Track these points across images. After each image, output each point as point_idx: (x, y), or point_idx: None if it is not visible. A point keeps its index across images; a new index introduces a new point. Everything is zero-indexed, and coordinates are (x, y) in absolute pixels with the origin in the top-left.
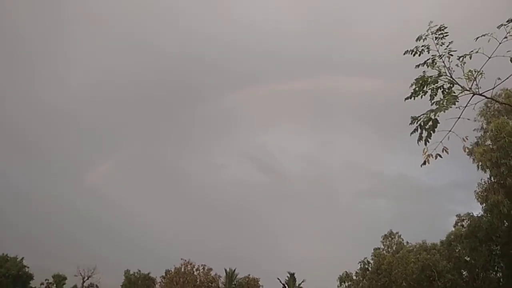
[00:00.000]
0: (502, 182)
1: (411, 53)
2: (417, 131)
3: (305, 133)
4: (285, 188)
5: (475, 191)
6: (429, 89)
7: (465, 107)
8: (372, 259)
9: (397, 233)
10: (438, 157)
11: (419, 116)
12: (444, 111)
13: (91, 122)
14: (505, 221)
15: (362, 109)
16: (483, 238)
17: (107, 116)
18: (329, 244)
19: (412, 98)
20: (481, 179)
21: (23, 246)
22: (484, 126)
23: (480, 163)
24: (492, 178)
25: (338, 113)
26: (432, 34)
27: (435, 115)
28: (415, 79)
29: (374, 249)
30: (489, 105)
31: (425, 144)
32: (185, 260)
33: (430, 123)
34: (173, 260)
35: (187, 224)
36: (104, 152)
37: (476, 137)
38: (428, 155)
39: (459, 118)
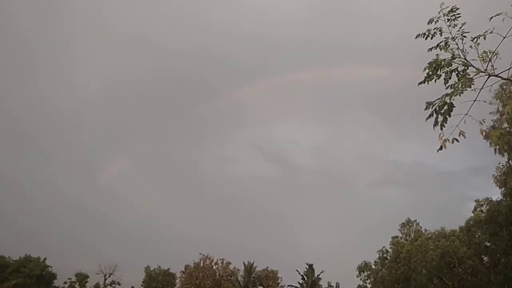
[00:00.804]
0: None
1: (423, 37)
2: (432, 116)
3: (316, 124)
4: (298, 180)
5: (493, 175)
6: (443, 72)
7: (481, 89)
8: (390, 247)
9: (415, 221)
10: (455, 141)
11: (434, 101)
12: (460, 95)
13: (103, 121)
14: None
15: (373, 97)
16: (503, 223)
17: (119, 115)
18: (346, 235)
19: (426, 82)
20: (499, 163)
21: (44, 247)
22: (500, 109)
23: (497, 147)
24: (510, 162)
25: (349, 103)
26: (444, 16)
27: (450, 99)
28: (428, 63)
29: (392, 238)
30: (504, 87)
31: (441, 129)
32: (204, 255)
33: (446, 107)
34: (192, 255)
35: (202, 219)
36: (117, 151)
37: (492, 120)
38: (445, 140)
39: (475, 101)
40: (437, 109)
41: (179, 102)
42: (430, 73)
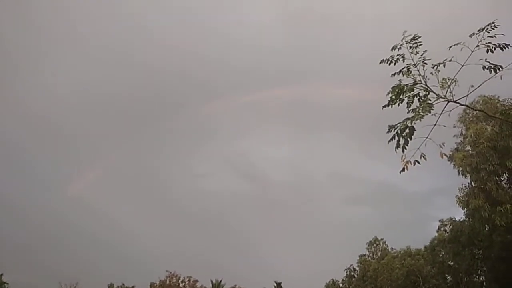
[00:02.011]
0: (482, 186)
1: (387, 62)
2: (394, 139)
3: (287, 142)
4: (268, 196)
5: (456, 196)
6: (406, 97)
7: (441, 114)
8: (358, 266)
9: (381, 239)
10: (417, 163)
11: (395, 125)
12: (420, 119)
13: (75, 131)
14: (486, 225)
15: (343, 117)
16: (465, 242)
17: (90, 126)
18: (315, 252)
19: (390, 106)
20: (462, 184)
21: (9, 259)
22: (463, 132)
23: (461, 169)
24: (472, 183)
25: (321, 122)
26: (406, 43)
27: (411, 123)
28: (392, 88)
29: (359, 256)
30: (467, 111)
31: (403, 151)
32: (170, 272)
33: (407, 130)
34: (157, 272)
35: (171, 235)
36: (87, 162)
37: (456, 143)
38: (407, 162)
39: (435, 125)
40: (399, 132)
41: (150, 115)
42: (394, 97)
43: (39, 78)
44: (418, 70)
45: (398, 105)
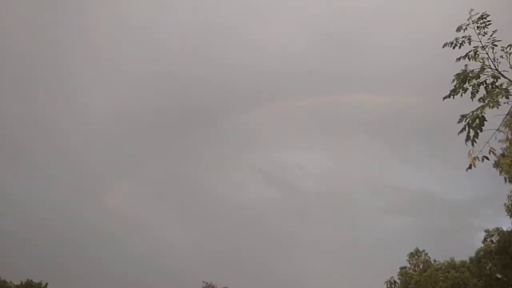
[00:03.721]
0: None
1: (451, 46)
2: (464, 130)
3: (321, 150)
4: (303, 206)
5: (504, 204)
6: (470, 85)
7: None
8: (398, 278)
9: (423, 251)
10: (481, 160)
11: (467, 114)
12: (497, 106)
13: (110, 144)
14: None
15: (379, 125)
16: None
17: (127, 137)
18: (353, 264)
19: (451, 96)
20: (510, 191)
21: (46, 271)
22: (509, 136)
23: (508, 175)
24: None
25: (354, 129)
26: (473, 23)
27: (482, 111)
28: (456, 74)
29: (400, 268)
30: None
31: (472, 144)
32: (207, 283)
33: (477, 121)
34: (194, 283)
35: (205, 244)
36: (124, 173)
37: (501, 148)
38: (474, 158)
39: (507, 115)
40: (470, 122)
41: (186, 127)
42: (457, 85)
43: (75, 94)
44: (486, 53)
45: (461, 95)
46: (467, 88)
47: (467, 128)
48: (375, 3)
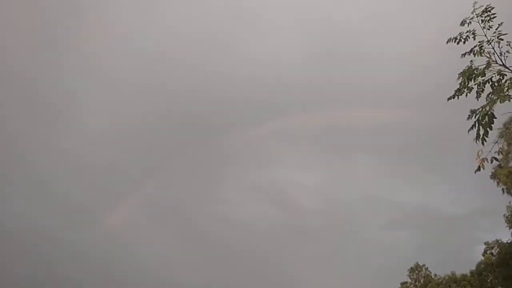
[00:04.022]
0: None
1: (454, 41)
2: (474, 127)
3: (318, 167)
4: (300, 224)
5: (504, 215)
6: (476, 83)
7: None
8: None
9: (423, 265)
10: (490, 161)
11: (477, 109)
12: (509, 100)
13: (105, 164)
14: None
15: (374, 140)
16: None
17: (120, 159)
18: (352, 281)
19: (456, 97)
20: (510, 202)
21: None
22: (505, 147)
23: (505, 186)
24: None
25: (351, 146)
26: (477, 16)
27: (491, 107)
28: (460, 72)
29: (401, 284)
30: (508, 126)
31: (482, 143)
32: None
33: (486, 119)
34: None
35: (202, 266)
36: (119, 196)
37: (498, 159)
38: (483, 159)
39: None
40: (480, 119)
41: (180, 145)
42: (462, 83)
43: (72, 116)
44: (492, 48)
45: (466, 95)
46: (472, 88)
47: (476, 125)
48: (372, 19)
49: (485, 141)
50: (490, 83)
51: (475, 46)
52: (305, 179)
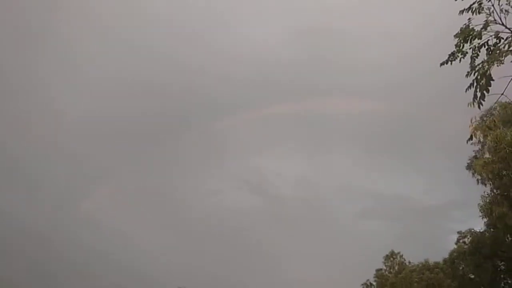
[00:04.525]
0: (505, 194)
1: None
2: (472, 86)
3: (299, 156)
4: (281, 211)
5: (478, 204)
6: (470, 48)
7: None
8: (375, 281)
9: (398, 253)
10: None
11: (477, 65)
12: (504, 56)
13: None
14: (509, 235)
15: (356, 130)
16: (487, 254)
17: (101, 144)
18: (329, 267)
19: (449, 62)
20: (484, 192)
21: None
22: (481, 139)
23: (480, 177)
24: (495, 191)
25: (331, 136)
26: None
27: (489, 66)
28: (456, 33)
29: (376, 270)
30: (484, 118)
31: (479, 106)
32: None
33: (484, 80)
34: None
35: (183, 251)
36: (99, 181)
37: (474, 151)
38: (475, 128)
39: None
40: (478, 78)
41: (161, 133)
42: (459, 44)
43: (47, 95)
44: (492, 5)
45: (460, 60)
46: (466, 52)
47: (474, 84)
48: (359, 20)
49: (482, 104)
50: (486, 47)
51: (474, 3)
52: (286, 168)
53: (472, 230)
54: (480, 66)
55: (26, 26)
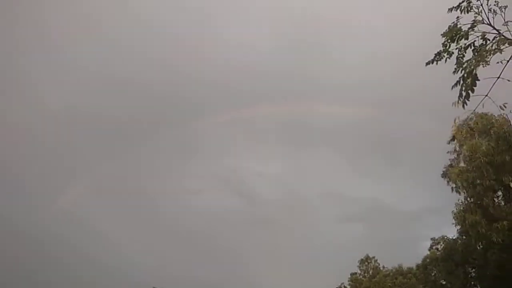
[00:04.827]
0: (479, 202)
1: None
2: (459, 84)
3: (278, 159)
4: (258, 214)
5: (452, 211)
6: (457, 48)
7: (508, 62)
8: (349, 284)
9: (373, 257)
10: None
11: (464, 62)
12: (490, 55)
13: (61, 143)
14: (481, 242)
15: (334, 136)
16: (459, 261)
17: (78, 140)
18: (305, 271)
19: (435, 62)
20: (458, 199)
21: None
22: (457, 148)
23: (454, 185)
24: (468, 199)
25: (311, 140)
26: None
27: (476, 65)
28: (443, 32)
29: (351, 274)
30: (460, 128)
31: (463, 106)
32: None
33: (470, 79)
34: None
35: (158, 250)
36: (75, 177)
37: (450, 159)
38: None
39: (498, 77)
40: (465, 76)
41: (138, 132)
42: (445, 43)
43: (27, 91)
44: (481, 4)
45: (446, 60)
46: (453, 52)
47: (461, 81)
48: (343, 16)
49: (466, 104)
50: (473, 47)
51: (462, 1)
52: (265, 170)
53: (445, 237)
54: (467, 64)
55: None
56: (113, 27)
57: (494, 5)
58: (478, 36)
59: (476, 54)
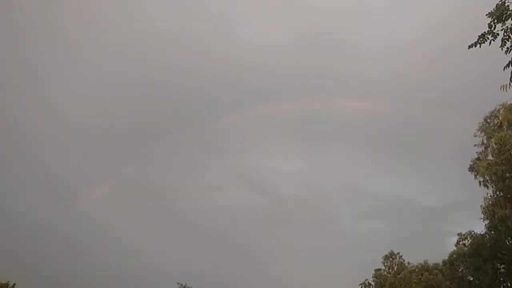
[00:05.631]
0: (508, 196)
1: None
2: (510, 65)
3: (299, 156)
4: (280, 211)
5: (481, 205)
6: (502, 29)
7: None
8: (373, 280)
9: (398, 253)
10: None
11: None
12: None
13: (83, 145)
14: (510, 237)
15: (355, 131)
16: (487, 256)
17: (100, 143)
18: (328, 268)
19: (478, 45)
20: (487, 193)
21: (14, 272)
22: (485, 141)
23: (482, 179)
24: (497, 193)
25: (331, 136)
26: None
27: None
28: (489, 12)
29: (375, 270)
30: (488, 120)
31: None
32: (181, 284)
33: None
34: (167, 286)
35: (180, 250)
36: (97, 178)
37: (477, 152)
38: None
39: None
40: None
41: (160, 131)
42: (491, 24)
43: (46, 93)
44: None
45: (490, 43)
46: (497, 34)
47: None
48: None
49: None
50: None
51: None
52: (286, 167)
53: (472, 232)
54: None
55: (26, 25)
56: (128, 33)
57: None
58: None
59: None
